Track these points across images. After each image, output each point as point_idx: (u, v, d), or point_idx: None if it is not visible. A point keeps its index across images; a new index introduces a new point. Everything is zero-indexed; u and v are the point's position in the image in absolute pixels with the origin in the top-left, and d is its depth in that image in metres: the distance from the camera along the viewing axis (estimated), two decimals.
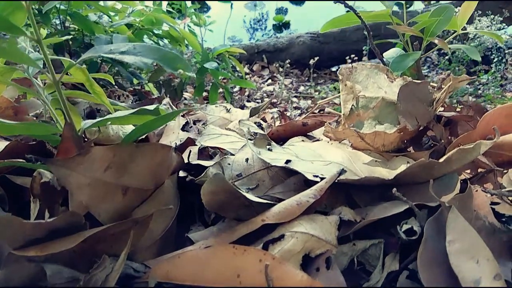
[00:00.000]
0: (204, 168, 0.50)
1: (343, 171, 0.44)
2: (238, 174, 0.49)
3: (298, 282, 0.31)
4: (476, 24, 1.30)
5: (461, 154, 0.44)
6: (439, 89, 0.56)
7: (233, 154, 0.53)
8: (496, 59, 1.93)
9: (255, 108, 0.75)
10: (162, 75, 1.53)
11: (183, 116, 0.74)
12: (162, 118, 0.46)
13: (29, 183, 0.42)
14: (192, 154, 0.56)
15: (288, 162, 0.47)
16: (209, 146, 0.57)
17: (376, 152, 0.54)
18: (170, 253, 0.39)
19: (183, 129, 0.68)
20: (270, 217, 0.38)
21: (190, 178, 0.50)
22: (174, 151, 0.47)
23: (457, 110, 0.64)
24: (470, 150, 0.44)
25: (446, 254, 0.34)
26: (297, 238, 0.36)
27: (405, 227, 0.39)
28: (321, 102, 0.79)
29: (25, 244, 0.35)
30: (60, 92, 0.44)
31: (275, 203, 0.41)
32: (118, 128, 0.62)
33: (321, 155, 0.50)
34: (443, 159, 0.44)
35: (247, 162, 0.50)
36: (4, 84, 0.53)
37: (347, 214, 0.41)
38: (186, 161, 0.53)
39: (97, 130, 0.59)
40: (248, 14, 5.49)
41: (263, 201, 0.41)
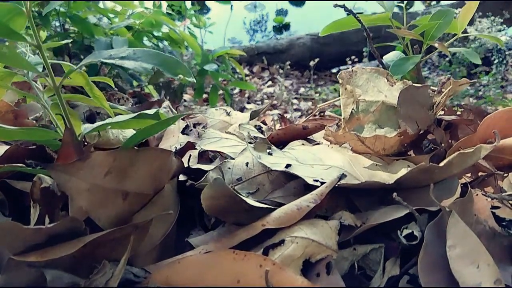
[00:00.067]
0: (204, 172, 0.50)
1: (344, 176, 0.44)
2: (238, 178, 0.49)
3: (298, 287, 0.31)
4: (476, 25, 1.30)
5: (461, 158, 0.44)
6: (439, 92, 0.56)
7: (233, 158, 0.53)
8: (496, 61, 1.93)
9: (255, 111, 0.75)
10: (162, 77, 1.53)
11: (183, 119, 0.74)
12: (162, 122, 0.46)
13: (29, 188, 0.41)
14: (192, 158, 0.56)
15: (288, 166, 0.47)
16: (209, 150, 0.57)
17: (376, 155, 0.54)
18: (170, 258, 0.39)
19: (183, 132, 0.68)
20: (270, 222, 0.38)
21: (190, 182, 0.50)
22: (174, 156, 0.47)
23: (457, 113, 0.64)
24: (471, 154, 0.44)
25: (446, 259, 0.34)
26: (297, 243, 0.36)
27: (405, 232, 0.39)
28: (321, 105, 0.79)
29: (25, 249, 0.35)
30: (60, 97, 0.44)
31: (275, 208, 0.41)
32: (118, 132, 0.62)
33: (321, 159, 0.50)
34: (444, 163, 0.44)
35: (247, 166, 0.50)
36: (4, 88, 0.54)
37: (348, 218, 0.40)
38: (186, 165, 0.53)
39: (97, 134, 0.59)
40: (248, 16, 5.49)
41: (263, 205, 0.41)
